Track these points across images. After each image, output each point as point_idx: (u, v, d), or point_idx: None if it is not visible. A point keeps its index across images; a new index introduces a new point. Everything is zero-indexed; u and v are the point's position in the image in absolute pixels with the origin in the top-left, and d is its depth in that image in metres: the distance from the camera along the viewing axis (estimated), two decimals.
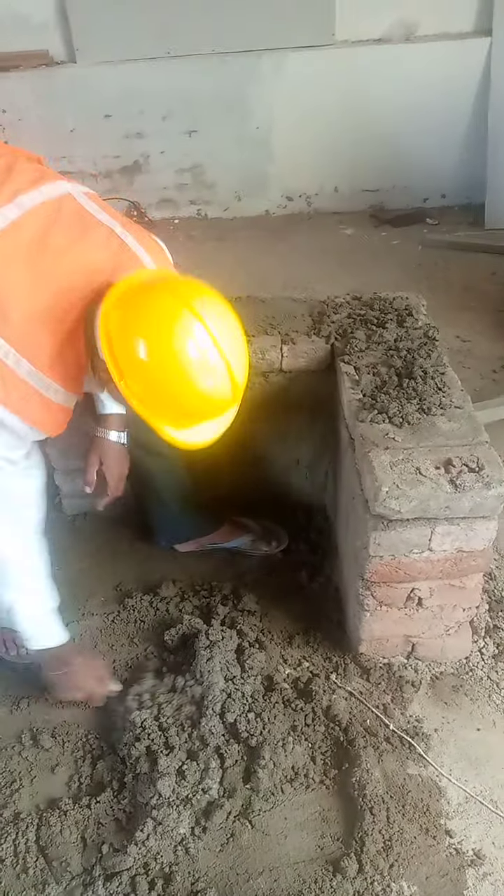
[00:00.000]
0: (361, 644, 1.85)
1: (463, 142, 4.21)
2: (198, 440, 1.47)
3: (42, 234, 1.43)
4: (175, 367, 1.33)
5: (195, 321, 1.32)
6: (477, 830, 1.59)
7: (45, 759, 1.73)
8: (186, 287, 1.39)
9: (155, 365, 1.34)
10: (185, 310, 1.33)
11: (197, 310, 1.33)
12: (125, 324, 1.35)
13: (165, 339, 1.32)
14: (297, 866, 1.53)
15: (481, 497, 1.56)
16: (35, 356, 1.39)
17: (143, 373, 1.35)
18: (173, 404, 1.39)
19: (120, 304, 1.36)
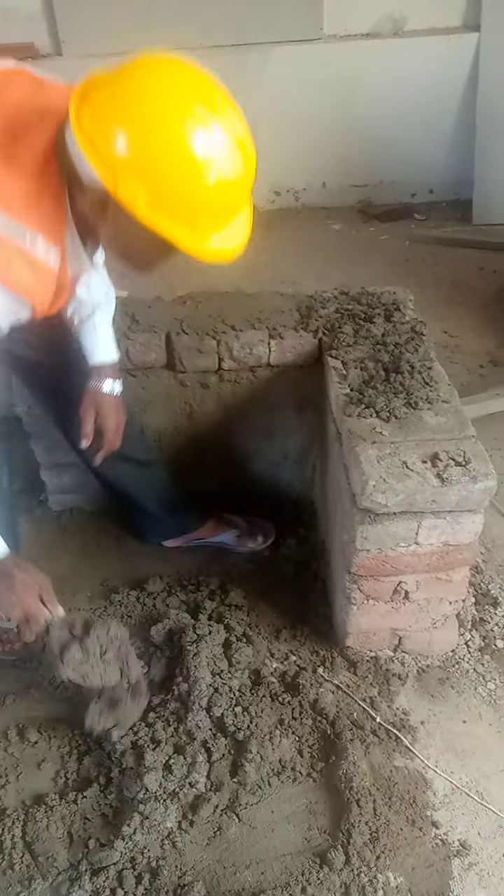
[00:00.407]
0: (348, 637, 1.86)
1: (451, 137, 4.22)
2: (223, 247, 1.26)
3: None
4: (176, 140, 1.13)
5: (183, 82, 1.16)
6: (463, 821, 1.60)
7: (31, 755, 1.72)
8: (159, 59, 1.19)
9: (153, 145, 1.13)
10: (170, 76, 1.17)
11: (181, 74, 1.17)
12: (103, 113, 1.15)
13: (159, 111, 1.14)
14: (284, 859, 1.53)
15: (468, 491, 1.57)
16: (5, 204, 1.20)
17: (142, 160, 1.14)
18: (181, 192, 1.17)
19: (90, 99, 1.16)
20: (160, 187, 1.15)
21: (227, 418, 2.18)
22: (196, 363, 2.05)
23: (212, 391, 2.13)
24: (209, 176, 1.16)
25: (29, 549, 2.12)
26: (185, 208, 1.18)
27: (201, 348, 2.02)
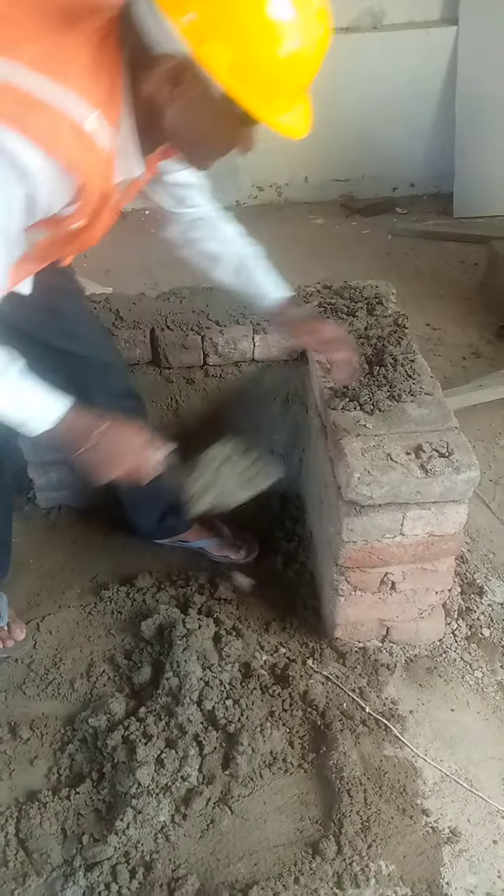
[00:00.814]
0: (337, 629, 1.87)
1: (431, 131, 4.24)
2: (292, 125, 1.23)
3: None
4: (259, 5, 1.09)
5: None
6: (452, 809, 1.62)
7: (24, 752, 1.73)
8: None
9: (238, 9, 1.08)
10: None
11: None
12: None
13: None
14: (276, 850, 1.55)
15: (451, 482, 1.58)
16: (56, 71, 1.11)
17: (226, 24, 1.08)
18: (261, 59, 1.12)
19: None
20: (243, 53, 1.10)
21: (213, 413, 2.18)
22: (181, 359, 2.05)
23: (197, 386, 2.14)
24: (290, 44, 1.12)
25: (17, 547, 2.12)
26: (264, 78, 1.13)
27: (186, 344, 2.02)
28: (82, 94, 1.11)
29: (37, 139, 1.08)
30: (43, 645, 1.95)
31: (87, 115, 1.12)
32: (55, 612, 2.03)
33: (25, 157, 1.08)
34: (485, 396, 2.70)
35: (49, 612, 2.01)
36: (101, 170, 1.19)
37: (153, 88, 1.15)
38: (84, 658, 1.92)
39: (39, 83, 1.08)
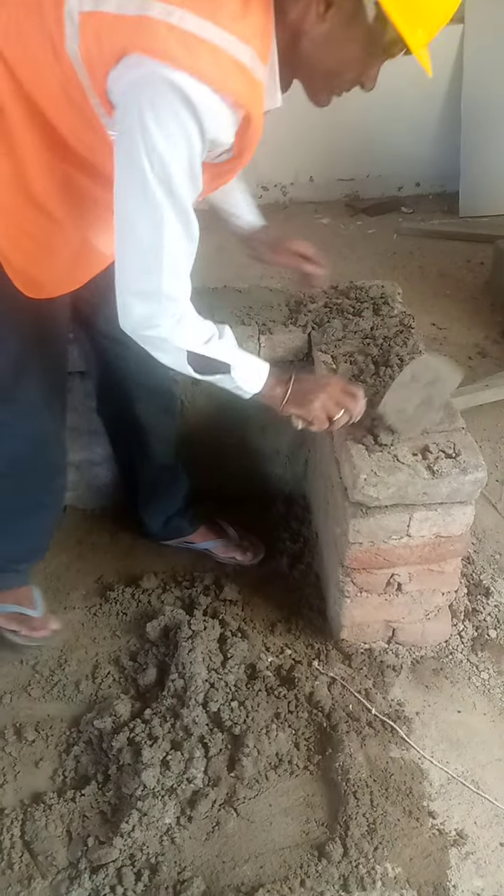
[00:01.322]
0: (342, 630, 1.87)
1: (436, 130, 4.23)
2: (428, 63, 1.26)
3: None
4: None
5: None
6: (459, 811, 1.61)
7: (29, 754, 1.72)
8: None
9: None
10: None
11: None
12: None
13: None
14: (282, 852, 1.54)
15: (458, 483, 1.57)
16: (211, 11, 1.13)
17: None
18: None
19: None
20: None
21: (219, 414, 2.18)
22: None
23: (202, 387, 2.13)
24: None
25: None
26: (416, 5, 1.16)
27: None
28: (236, 32, 1.15)
29: (205, 77, 1.12)
30: (48, 646, 1.95)
31: (243, 51, 1.16)
32: (60, 613, 2.03)
33: (197, 94, 1.13)
34: (491, 396, 2.69)
35: (54, 613, 2.01)
36: (259, 103, 1.24)
37: (301, 12, 1.19)
38: (89, 659, 1.92)
39: (198, 23, 1.12)
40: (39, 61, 1.24)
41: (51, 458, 1.83)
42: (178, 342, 1.41)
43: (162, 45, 1.11)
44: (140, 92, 1.14)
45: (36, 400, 1.68)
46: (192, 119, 1.15)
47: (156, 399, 1.94)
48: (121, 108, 1.18)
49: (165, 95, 1.13)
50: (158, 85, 1.12)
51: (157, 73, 1.12)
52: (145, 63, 1.12)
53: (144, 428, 1.96)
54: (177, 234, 1.28)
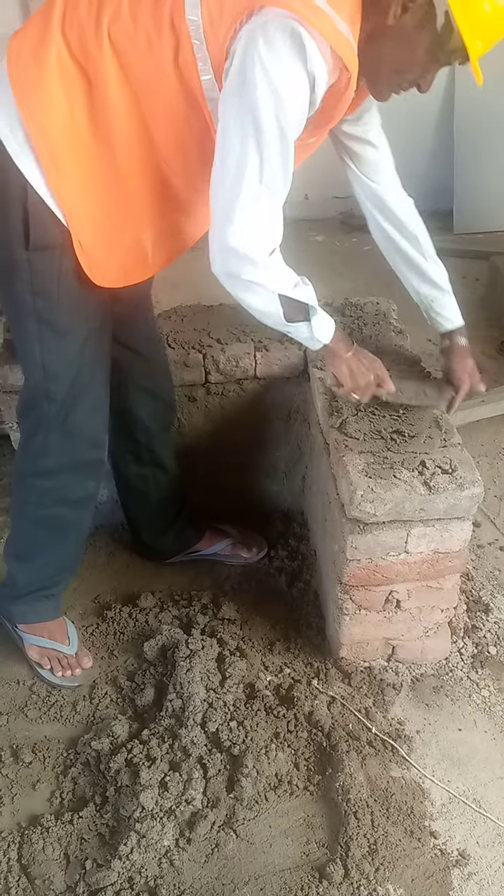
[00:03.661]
0: (342, 648, 1.86)
1: (430, 148, 4.26)
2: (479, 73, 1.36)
3: None
4: None
5: None
6: (461, 830, 1.59)
7: (26, 776, 1.71)
8: None
9: None
10: None
11: None
12: None
13: None
14: (282, 874, 1.52)
15: (455, 498, 1.57)
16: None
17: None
18: (488, 4, 1.26)
19: None
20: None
21: (216, 431, 2.18)
22: (183, 377, 2.05)
23: (199, 404, 2.13)
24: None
25: None
26: (481, 19, 1.27)
27: (187, 362, 2.02)
28: (338, 10, 1.25)
29: (321, 31, 1.22)
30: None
31: (344, 27, 1.27)
32: None
33: (309, 41, 1.22)
34: (488, 412, 2.69)
35: None
36: (356, 74, 1.32)
37: (381, 11, 1.30)
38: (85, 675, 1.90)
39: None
40: (151, 35, 1.30)
41: (93, 455, 1.78)
42: (272, 285, 1.43)
43: (287, 1, 1.20)
44: (259, 30, 1.22)
45: (92, 399, 1.68)
46: (303, 61, 1.23)
47: (162, 410, 1.96)
48: (237, 50, 1.25)
49: (282, 35, 1.21)
50: (277, 26, 1.21)
51: (279, 17, 1.21)
52: (271, 12, 1.21)
53: (151, 437, 1.97)
54: (278, 165, 1.32)
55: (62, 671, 1.88)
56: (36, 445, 1.69)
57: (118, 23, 1.31)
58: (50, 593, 1.90)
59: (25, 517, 1.80)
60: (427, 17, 1.29)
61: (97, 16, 1.32)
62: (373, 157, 1.80)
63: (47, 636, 1.91)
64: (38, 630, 1.91)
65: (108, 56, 1.33)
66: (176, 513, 2.14)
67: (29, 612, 1.90)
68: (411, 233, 1.88)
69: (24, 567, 1.85)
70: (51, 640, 1.91)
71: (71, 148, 1.40)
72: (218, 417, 2.16)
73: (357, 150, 1.77)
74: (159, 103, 1.37)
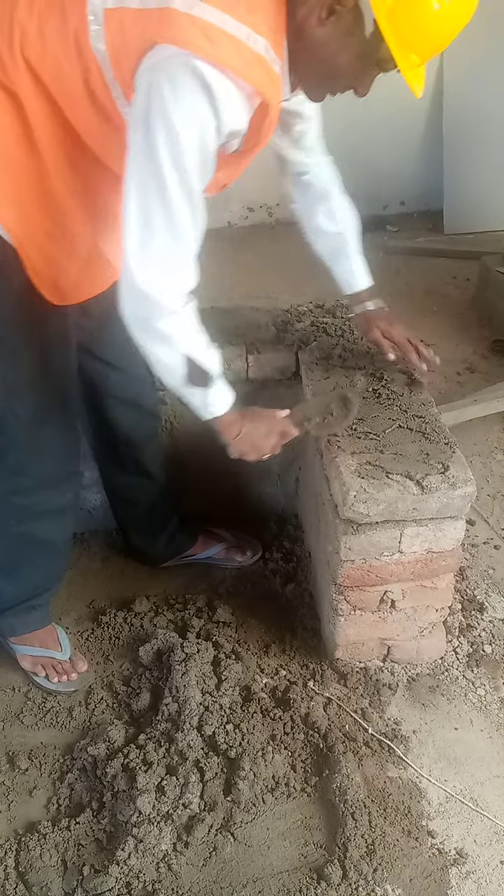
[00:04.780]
0: (337, 649, 1.86)
1: (419, 150, 4.28)
2: (418, 83, 1.34)
3: None
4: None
5: None
6: (458, 829, 1.59)
7: (23, 782, 1.70)
8: None
9: None
10: None
11: None
12: None
13: None
14: (281, 876, 1.52)
15: (448, 497, 1.58)
16: (229, 5, 1.19)
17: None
18: (422, 16, 1.21)
19: None
20: (404, 2, 1.19)
21: (208, 434, 2.17)
22: None
23: None
24: (440, 1, 1.20)
25: None
26: (414, 28, 1.22)
27: None
28: (252, 25, 1.20)
29: (226, 65, 1.17)
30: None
31: (260, 43, 1.22)
32: None
33: (216, 82, 1.17)
34: (480, 411, 2.70)
35: None
36: (277, 94, 1.28)
37: (307, 13, 1.24)
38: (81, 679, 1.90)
39: (217, 15, 1.17)
40: (60, 59, 1.27)
41: (65, 469, 1.77)
42: (182, 342, 1.40)
43: (185, 34, 1.16)
44: (161, 71, 1.18)
45: (49, 417, 1.66)
46: (209, 102, 1.19)
47: (143, 419, 1.95)
48: (140, 86, 1.21)
49: (184, 77, 1.17)
50: (178, 67, 1.16)
51: (179, 57, 1.16)
52: (169, 50, 1.17)
53: (134, 447, 1.96)
54: (184, 211, 1.28)
55: (58, 677, 1.87)
56: (10, 464, 1.67)
57: (29, 45, 1.28)
58: (37, 604, 1.90)
59: (6, 533, 1.77)
60: (355, 23, 1.23)
61: (10, 35, 1.28)
62: (301, 127, 1.71)
63: (38, 644, 1.90)
64: (29, 640, 1.90)
65: (26, 75, 1.29)
66: (167, 518, 2.14)
67: (17, 625, 1.89)
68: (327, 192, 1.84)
69: (8, 581, 1.84)
70: (43, 647, 1.90)
71: (5, 166, 1.37)
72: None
73: (287, 119, 1.66)
74: (81, 118, 1.34)
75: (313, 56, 1.29)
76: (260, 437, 1.60)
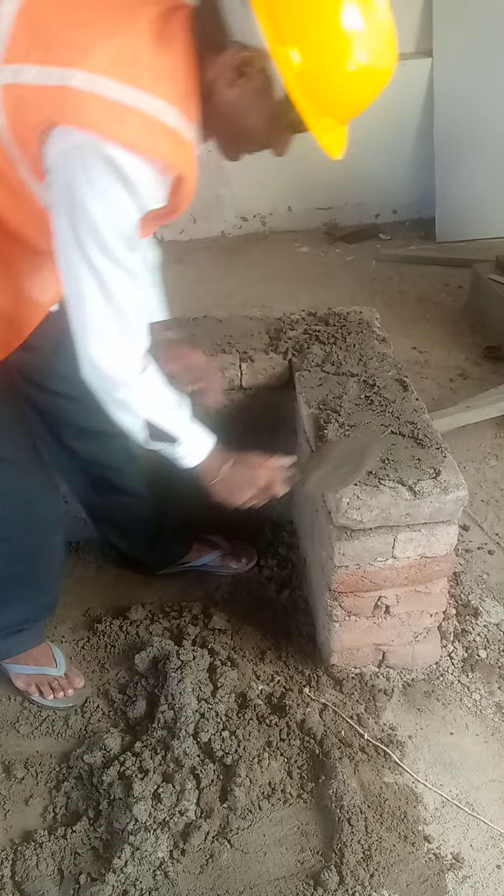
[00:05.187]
0: (333, 655, 1.86)
1: (411, 158, 4.31)
2: (335, 144, 1.29)
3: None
4: (341, 32, 1.14)
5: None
6: (454, 834, 1.60)
7: (19, 791, 1.70)
8: None
9: (322, 28, 1.13)
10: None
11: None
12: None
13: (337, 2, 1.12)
14: (277, 882, 1.52)
15: (440, 502, 1.59)
16: (132, 75, 1.13)
17: (308, 36, 1.13)
18: (330, 75, 1.17)
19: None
20: (315, 63, 1.14)
21: None
22: None
23: None
24: (359, 59, 1.16)
25: None
26: (326, 92, 1.18)
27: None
28: (160, 94, 1.15)
29: (134, 146, 1.13)
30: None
31: (169, 113, 1.16)
32: None
33: (128, 164, 1.14)
34: (473, 417, 2.71)
35: None
36: (191, 162, 1.24)
37: (216, 73, 1.19)
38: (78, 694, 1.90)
39: (122, 91, 1.12)
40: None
41: (42, 516, 1.75)
42: (142, 409, 1.40)
43: (89, 116, 1.11)
44: (72, 162, 1.14)
45: (5, 461, 1.63)
46: (125, 188, 1.16)
47: (109, 442, 1.83)
48: (53, 177, 1.18)
49: (97, 167, 1.14)
50: (90, 156, 1.13)
51: (88, 145, 1.12)
52: (74, 134, 1.12)
53: (107, 468, 1.92)
54: (119, 285, 1.26)
55: (53, 693, 1.86)
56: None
57: None
58: (30, 626, 1.89)
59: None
60: (265, 85, 1.18)
61: None
62: None
63: (32, 663, 1.89)
64: (22, 659, 1.89)
65: None
66: (160, 529, 2.13)
67: (12, 646, 1.88)
68: None
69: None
70: (36, 666, 1.89)
71: None
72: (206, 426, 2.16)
73: None
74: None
75: (224, 118, 1.25)
76: (238, 485, 1.56)
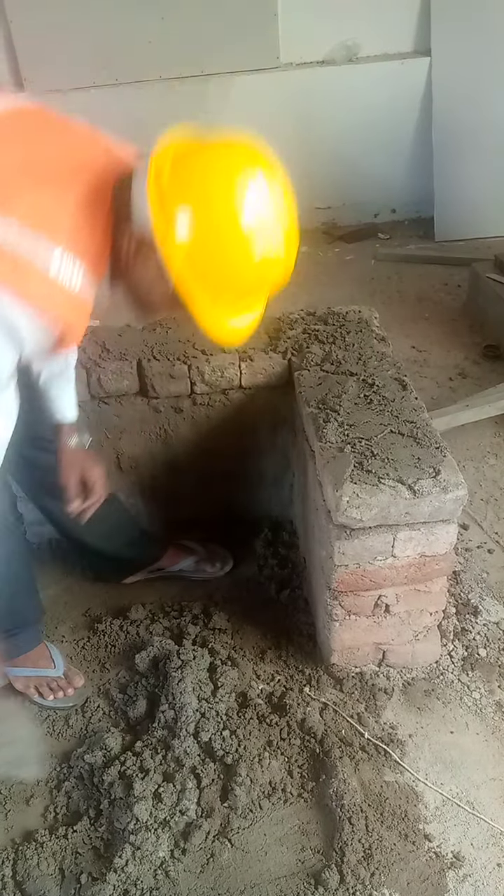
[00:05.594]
0: (333, 654, 1.86)
1: (409, 157, 4.31)
2: (239, 328, 1.33)
3: (29, 119, 1.30)
4: (237, 225, 1.19)
5: (262, 179, 1.23)
6: (455, 832, 1.60)
7: (20, 791, 1.70)
8: (248, 147, 1.28)
9: (219, 221, 1.19)
10: (252, 167, 1.24)
11: (262, 169, 1.25)
12: (186, 180, 1.18)
13: (233, 195, 1.19)
14: (278, 882, 1.52)
15: (440, 501, 1.59)
16: (48, 227, 1.17)
17: (204, 233, 1.18)
18: (226, 271, 1.22)
19: (177, 160, 1.19)
20: (206, 266, 1.19)
21: (203, 442, 2.19)
22: (168, 388, 2.06)
23: (185, 415, 2.14)
24: (252, 257, 1.22)
25: None
26: (219, 289, 1.22)
27: (173, 373, 2.03)
28: (71, 247, 1.17)
29: (28, 299, 1.15)
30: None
31: (76, 269, 1.18)
32: None
33: (14, 315, 1.16)
34: (472, 416, 2.71)
35: None
36: (83, 317, 1.26)
37: (123, 244, 1.24)
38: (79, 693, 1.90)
39: (30, 245, 1.14)
40: None
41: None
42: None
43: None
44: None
45: None
46: (7, 335, 1.18)
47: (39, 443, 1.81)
48: None
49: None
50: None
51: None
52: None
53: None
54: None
55: (53, 694, 1.87)
56: None
57: None
58: (23, 630, 1.88)
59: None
60: (158, 274, 1.22)
61: None
62: None
63: (30, 665, 1.89)
64: (21, 661, 1.89)
65: None
66: (128, 533, 2.11)
67: (10, 649, 1.87)
68: None
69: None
70: (34, 667, 1.89)
71: None
72: (204, 428, 2.17)
73: None
74: None
75: (129, 285, 1.29)
76: None
